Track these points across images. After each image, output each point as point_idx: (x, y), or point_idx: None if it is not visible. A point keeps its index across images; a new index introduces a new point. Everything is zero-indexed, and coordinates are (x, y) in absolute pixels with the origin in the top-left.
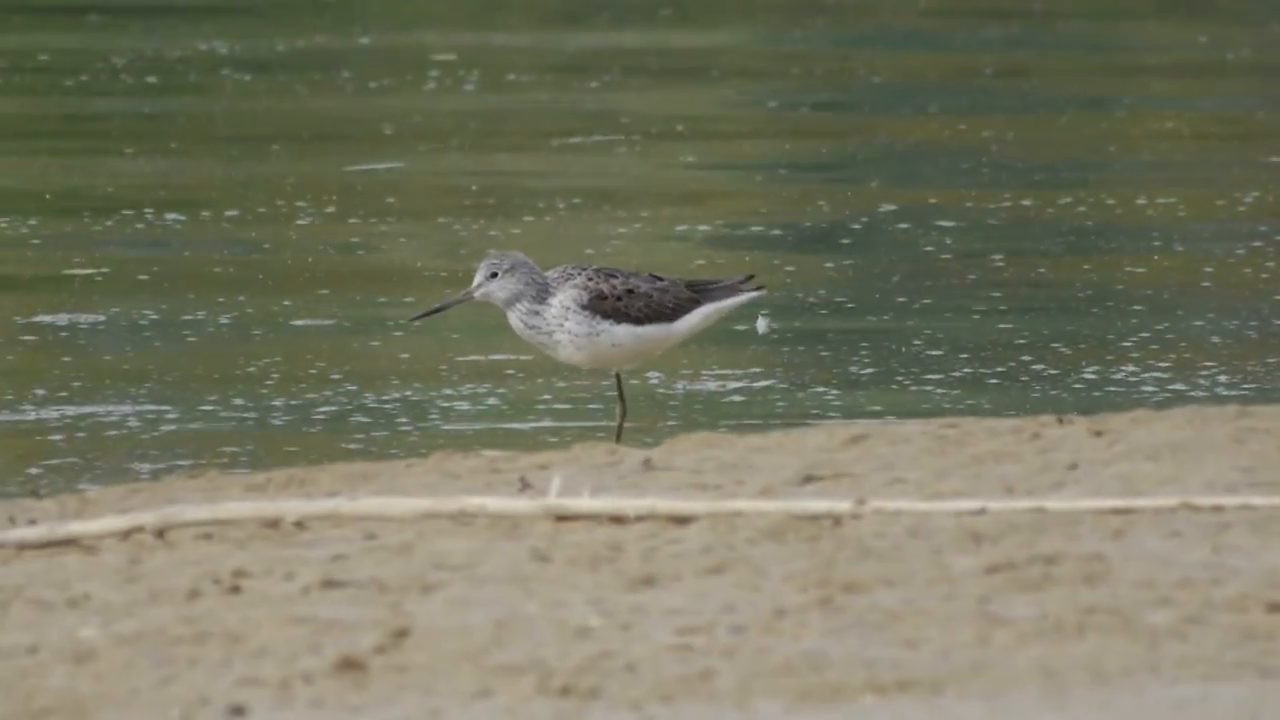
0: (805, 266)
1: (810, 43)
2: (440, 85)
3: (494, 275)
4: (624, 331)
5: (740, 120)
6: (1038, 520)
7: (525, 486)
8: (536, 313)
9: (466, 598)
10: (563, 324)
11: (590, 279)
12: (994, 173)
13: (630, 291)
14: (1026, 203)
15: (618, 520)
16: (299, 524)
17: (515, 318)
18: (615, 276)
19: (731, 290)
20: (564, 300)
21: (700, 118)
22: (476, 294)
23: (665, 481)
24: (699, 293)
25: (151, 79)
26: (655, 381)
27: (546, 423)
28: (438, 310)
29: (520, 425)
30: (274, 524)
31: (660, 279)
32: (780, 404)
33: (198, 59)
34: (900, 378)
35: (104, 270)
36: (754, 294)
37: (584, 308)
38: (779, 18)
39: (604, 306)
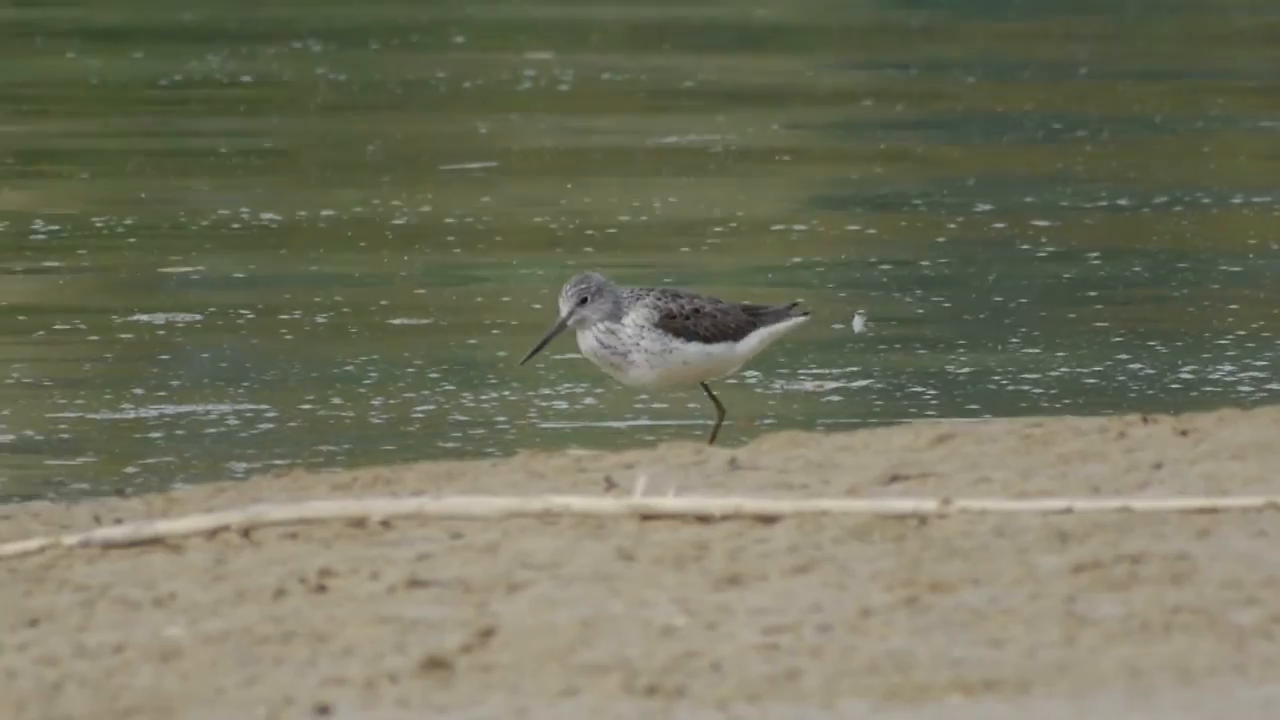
0: (901, 265)
1: (901, 60)
2: (535, 85)
3: (584, 301)
4: (695, 350)
5: (831, 131)
6: (1124, 520)
7: (610, 486)
8: (613, 331)
9: (552, 597)
10: (639, 342)
11: (658, 299)
12: (1090, 171)
13: (697, 311)
14: (1122, 202)
15: (703, 519)
16: (384, 523)
17: (591, 336)
18: (680, 297)
19: (780, 315)
20: (637, 319)
21: (792, 127)
22: (570, 322)
23: (751, 481)
24: (753, 316)
25: (246, 79)
26: (753, 381)
27: (643, 421)
28: (541, 347)
29: (617, 424)
30: (359, 523)
31: (719, 301)
32: (877, 403)
33: (292, 58)
34: (996, 376)
35: (200, 269)
36: (801, 319)
37: (656, 326)
38: (868, 38)
39: (674, 325)
